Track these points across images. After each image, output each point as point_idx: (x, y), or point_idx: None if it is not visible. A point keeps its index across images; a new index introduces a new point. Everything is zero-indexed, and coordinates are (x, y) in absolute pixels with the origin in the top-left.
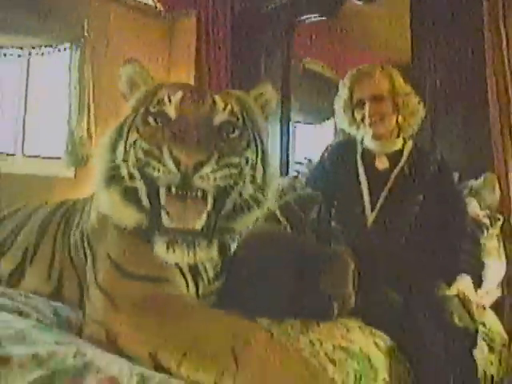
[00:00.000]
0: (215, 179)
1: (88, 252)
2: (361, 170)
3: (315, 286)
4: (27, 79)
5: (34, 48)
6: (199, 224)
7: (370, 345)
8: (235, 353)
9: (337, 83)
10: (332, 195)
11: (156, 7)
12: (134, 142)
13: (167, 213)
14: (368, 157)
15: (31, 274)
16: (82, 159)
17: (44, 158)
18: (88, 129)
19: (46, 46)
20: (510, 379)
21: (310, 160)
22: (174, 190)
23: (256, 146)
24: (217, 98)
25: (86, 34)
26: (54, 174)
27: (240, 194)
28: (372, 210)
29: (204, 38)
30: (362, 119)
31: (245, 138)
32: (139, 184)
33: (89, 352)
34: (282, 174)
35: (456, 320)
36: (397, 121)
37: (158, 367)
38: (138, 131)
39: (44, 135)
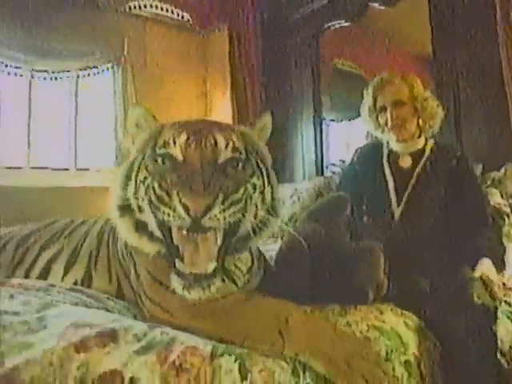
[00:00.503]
0: (224, 218)
1: (130, 261)
2: (387, 170)
3: (352, 276)
4: (76, 99)
5: (80, 70)
6: (211, 267)
7: (400, 324)
8: (280, 330)
9: (366, 80)
10: (362, 193)
11: (190, 23)
12: (144, 179)
13: (181, 258)
14: (393, 157)
15: (97, 278)
16: None
17: (95, 170)
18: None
19: (90, 68)
20: None
21: (343, 161)
22: (185, 232)
23: (261, 171)
24: (218, 137)
25: (125, 53)
26: (106, 185)
27: (255, 217)
28: (398, 205)
29: (237, 48)
30: (386, 123)
31: (249, 168)
32: (150, 219)
33: (171, 331)
34: (317, 174)
35: (475, 298)
36: (418, 123)
37: None
38: (147, 169)
39: (95, 149)
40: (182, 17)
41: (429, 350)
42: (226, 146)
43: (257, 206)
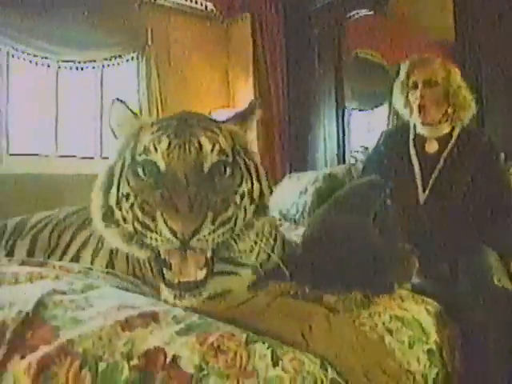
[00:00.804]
0: (213, 239)
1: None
2: (413, 154)
3: (381, 273)
4: (101, 88)
5: (105, 60)
6: (201, 274)
7: (421, 311)
8: (304, 334)
9: (388, 69)
10: (387, 176)
11: (213, 13)
12: (127, 196)
13: (169, 267)
14: (419, 141)
15: (118, 268)
16: None
17: None
18: None
19: (115, 58)
20: None
21: (366, 148)
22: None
23: (249, 171)
24: (203, 139)
25: (149, 42)
26: None
27: (244, 219)
28: (424, 191)
29: (259, 37)
30: (414, 102)
31: (237, 173)
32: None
33: (207, 318)
34: (339, 162)
35: (495, 281)
36: (446, 111)
37: None
38: (129, 184)
39: None
40: (206, 6)
41: (449, 337)
42: (212, 150)
43: (245, 210)
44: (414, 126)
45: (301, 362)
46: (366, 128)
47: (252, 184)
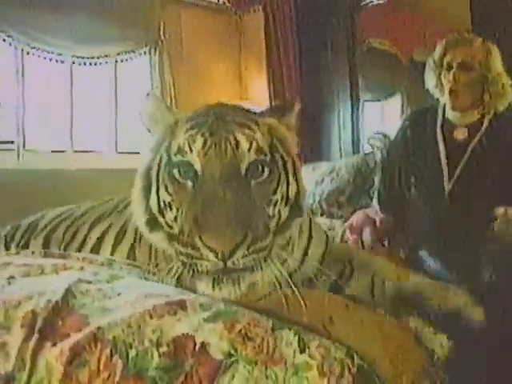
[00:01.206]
0: (244, 263)
1: None
2: (440, 140)
3: None
4: (115, 83)
5: (118, 54)
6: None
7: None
8: (325, 326)
9: (400, 59)
10: (412, 162)
11: (226, 5)
12: (170, 206)
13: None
14: (447, 126)
15: (140, 255)
16: None
17: (134, 153)
18: None
19: (128, 52)
20: None
21: (384, 135)
22: None
23: (286, 170)
24: (240, 136)
25: (162, 37)
26: None
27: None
28: (449, 180)
29: (272, 29)
30: (446, 85)
31: (275, 175)
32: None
33: (233, 305)
34: (353, 153)
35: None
36: (482, 97)
37: None
38: (167, 189)
39: (133, 132)
40: None
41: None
42: (249, 148)
43: (280, 213)
44: (444, 110)
45: (327, 349)
46: (380, 118)
47: (288, 184)
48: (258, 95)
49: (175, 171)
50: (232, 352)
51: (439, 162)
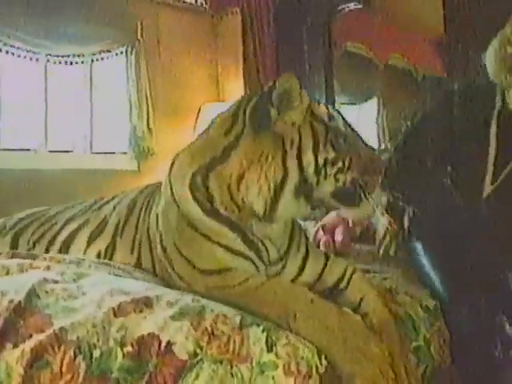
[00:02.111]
0: None
1: (158, 234)
2: (492, 132)
3: None
4: (91, 83)
5: (94, 54)
6: None
7: (414, 305)
8: (289, 322)
9: (376, 64)
10: (453, 149)
11: (203, 7)
12: (335, 162)
13: None
14: (506, 117)
15: (121, 246)
16: (144, 152)
17: (109, 153)
18: (148, 124)
19: (104, 52)
20: None
21: None
22: None
23: None
24: None
25: (139, 37)
26: (120, 168)
27: None
28: (492, 183)
29: (249, 31)
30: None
31: None
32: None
33: (201, 299)
34: None
35: None
36: None
37: None
38: (333, 148)
39: (109, 133)
40: (195, 0)
41: (439, 330)
42: None
43: None
44: (503, 96)
45: (295, 348)
46: (355, 122)
47: None
48: (235, 97)
49: (333, 134)
50: (197, 351)
51: (484, 160)
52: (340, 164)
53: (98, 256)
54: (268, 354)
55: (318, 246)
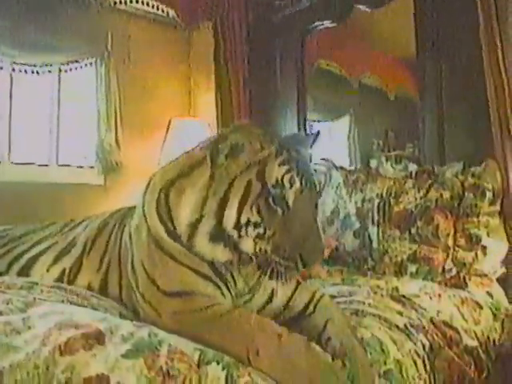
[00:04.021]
0: None
1: (129, 253)
2: None
3: None
4: (59, 93)
5: (62, 64)
6: None
7: (381, 328)
8: (249, 357)
9: (349, 82)
10: None
11: (175, 20)
12: (256, 225)
13: None
14: None
15: (86, 266)
16: (111, 166)
17: (76, 166)
18: (116, 137)
19: (73, 62)
20: (509, 343)
21: (326, 160)
22: None
23: None
24: (316, 180)
25: (109, 48)
26: (86, 181)
27: None
28: None
29: (221, 46)
30: None
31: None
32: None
33: (159, 332)
34: None
35: None
36: None
37: None
38: (259, 212)
39: (76, 145)
40: (167, 13)
41: (411, 350)
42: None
43: None
44: None
45: None
46: (327, 139)
47: None
48: (206, 112)
49: (271, 201)
50: None
51: None
52: (261, 230)
53: (62, 274)
54: None
55: None
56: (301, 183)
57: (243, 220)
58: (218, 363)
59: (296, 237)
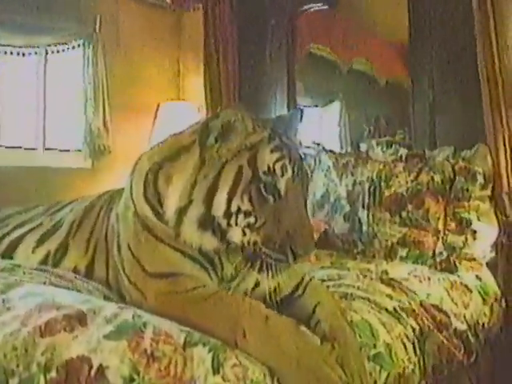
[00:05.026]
0: None
1: (115, 234)
2: None
3: None
4: (45, 76)
5: (49, 46)
6: None
7: (371, 311)
8: (236, 340)
9: (340, 67)
10: None
11: (165, 2)
12: (246, 214)
13: None
14: None
15: (73, 248)
16: (99, 150)
17: (63, 150)
18: (104, 121)
19: (60, 44)
20: (498, 327)
21: (318, 144)
22: None
23: None
24: (305, 166)
25: (97, 30)
26: (73, 165)
27: None
28: None
29: (211, 28)
30: None
31: None
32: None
33: (144, 314)
34: None
35: None
36: None
37: None
38: (250, 199)
39: (63, 129)
40: None
41: (401, 334)
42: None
43: None
44: None
45: (244, 369)
46: (318, 124)
47: None
48: (196, 96)
49: (262, 189)
50: (134, 376)
51: None
52: (252, 220)
53: (47, 256)
54: (214, 377)
55: None
56: (293, 171)
57: (233, 208)
58: (204, 345)
59: (287, 228)
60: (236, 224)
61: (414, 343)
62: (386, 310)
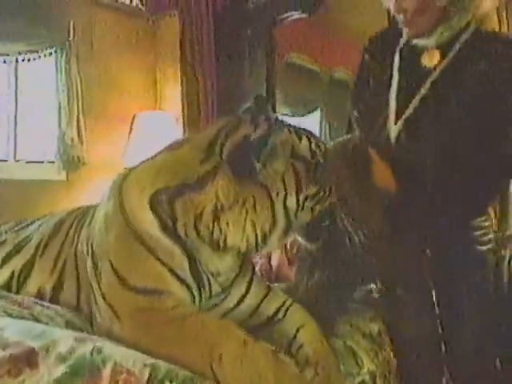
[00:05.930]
0: None
1: (89, 249)
2: (395, 67)
3: None
4: (16, 85)
5: (20, 54)
6: None
7: (355, 336)
8: (212, 365)
9: (320, 75)
10: (360, 95)
11: (140, 8)
12: (313, 196)
13: None
14: (410, 51)
15: (39, 266)
16: (73, 162)
17: (36, 162)
18: (78, 131)
19: (31, 52)
20: None
21: None
22: None
23: None
24: None
25: (70, 37)
26: (47, 178)
27: None
28: (396, 122)
29: (188, 36)
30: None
31: None
32: None
33: (105, 346)
34: None
35: None
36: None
37: None
38: (315, 183)
39: (36, 140)
40: (131, 0)
41: (385, 360)
42: None
43: None
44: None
45: None
46: None
47: None
48: (174, 105)
49: None
50: None
51: (386, 98)
52: (321, 194)
53: (11, 276)
54: None
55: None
56: None
57: (301, 199)
58: (170, 382)
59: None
60: (303, 209)
61: None
62: (371, 334)
